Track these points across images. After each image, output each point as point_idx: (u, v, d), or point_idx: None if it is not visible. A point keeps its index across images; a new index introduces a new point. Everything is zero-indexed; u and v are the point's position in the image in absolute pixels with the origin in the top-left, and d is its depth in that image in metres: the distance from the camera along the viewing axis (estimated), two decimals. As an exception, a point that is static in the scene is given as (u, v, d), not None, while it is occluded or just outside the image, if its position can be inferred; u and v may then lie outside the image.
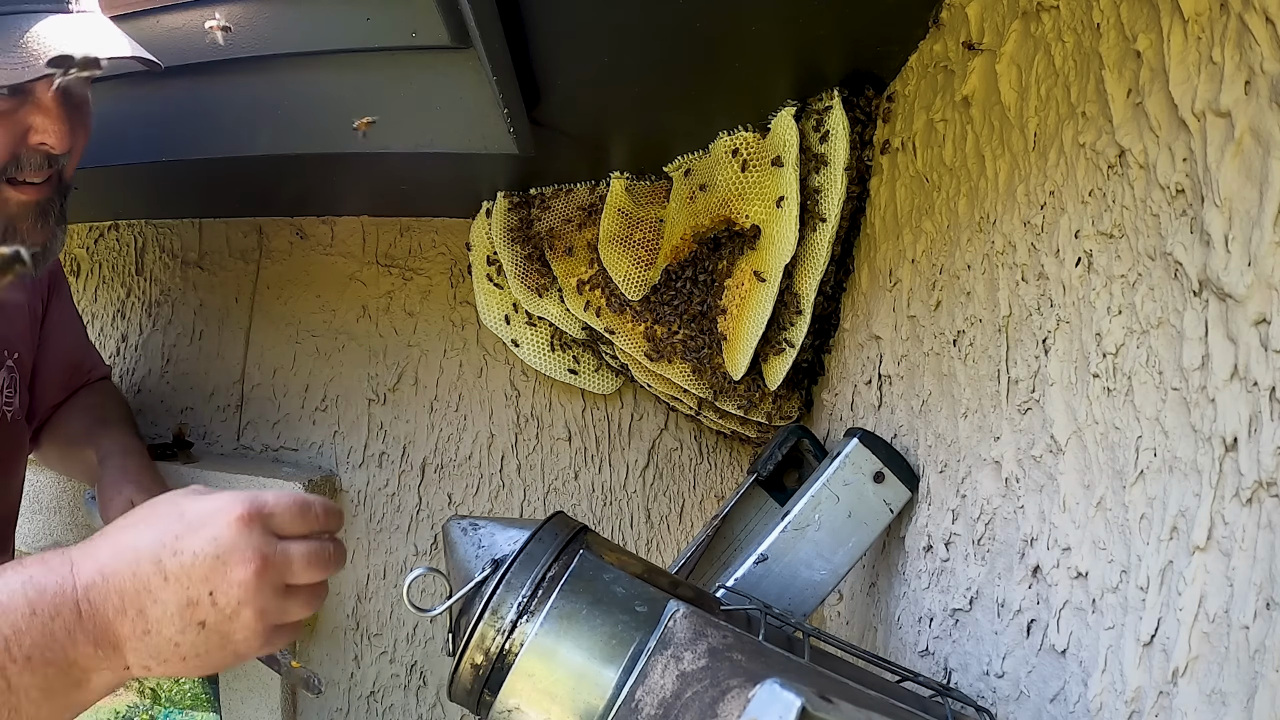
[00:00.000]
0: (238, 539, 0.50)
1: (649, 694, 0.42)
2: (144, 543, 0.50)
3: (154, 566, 0.49)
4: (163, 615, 0.49)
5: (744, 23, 0.80)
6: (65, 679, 0.49)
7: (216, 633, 0.51)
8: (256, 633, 0.52)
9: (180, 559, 0.49)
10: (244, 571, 0.50)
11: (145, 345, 1.44)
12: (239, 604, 0.50)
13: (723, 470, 1.32)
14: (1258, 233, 0.40)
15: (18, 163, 0.76)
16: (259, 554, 0.51)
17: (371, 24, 0.86)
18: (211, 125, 1.05)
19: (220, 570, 0.50)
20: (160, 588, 0.49)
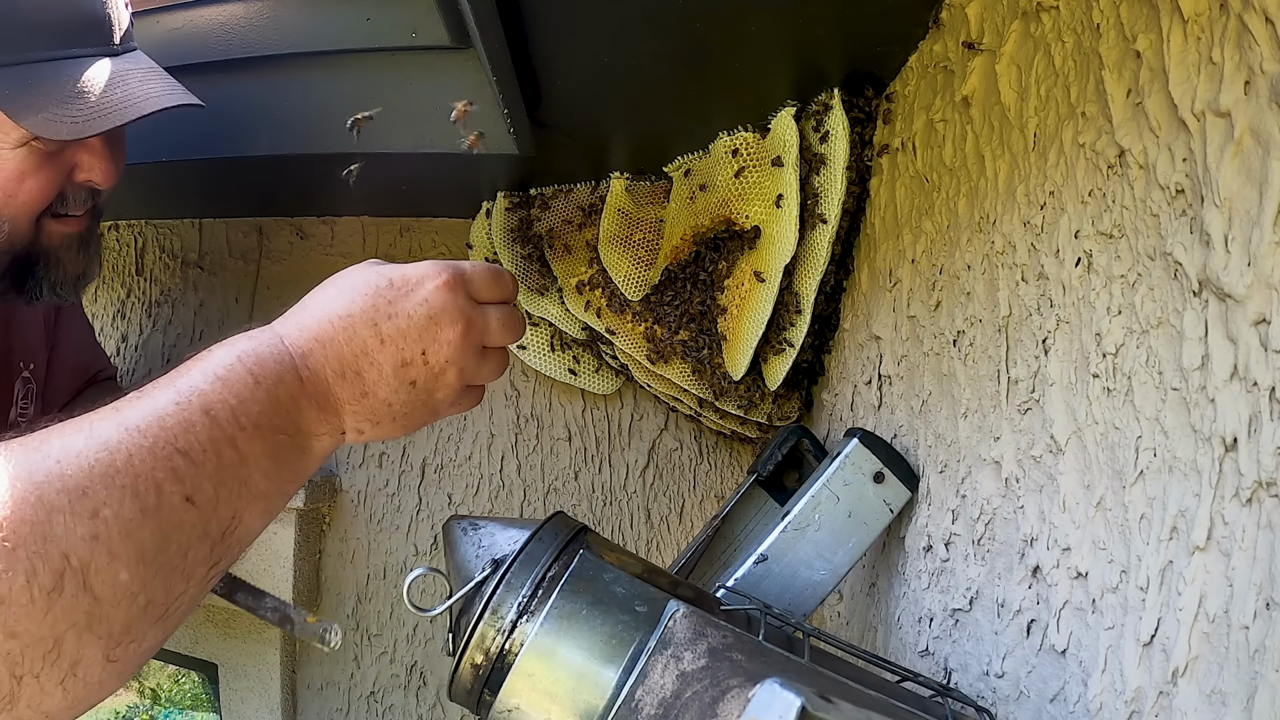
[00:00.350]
0: (447, 301, 0.54)
1: (649, 694, 0.42)
2: (357, 308, 0.52)
3: (370, 330, 0.52)
4: (379, 376, 0.52)
5: (744, 23, 0.80)
6: (291, 445, 0.50)
7: (424, 390, 0.54)
8: (455, 390, 0.56)
9: (396, 322, 0.52)
10: (453, 331, 0.53)
11: (145, 345, 1.44)
12: (446, 362, 0.54)
13: (723, 470, 1.32)
14: (1257, 233, 0.40)
15: (64, 199, 0.78)
16: (464, 315, 0.54)
17: (371, 24, 0.86)
18: (211, 125, 1.05)
19: (432, 330, 0.53)
20: (377, 350, 0.52)
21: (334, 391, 0.52)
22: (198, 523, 0.43)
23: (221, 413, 0.46)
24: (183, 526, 0.43)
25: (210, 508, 0.44)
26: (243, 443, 0.46)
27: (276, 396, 0.49)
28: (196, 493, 0.43)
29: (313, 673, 1.34)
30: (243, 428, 0.46)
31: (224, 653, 1.30)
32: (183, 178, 1.24)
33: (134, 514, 0.41)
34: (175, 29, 0.90)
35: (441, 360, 0.54)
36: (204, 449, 0.44)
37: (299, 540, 1.24)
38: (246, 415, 0.47)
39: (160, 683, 1.35)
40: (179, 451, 0.43)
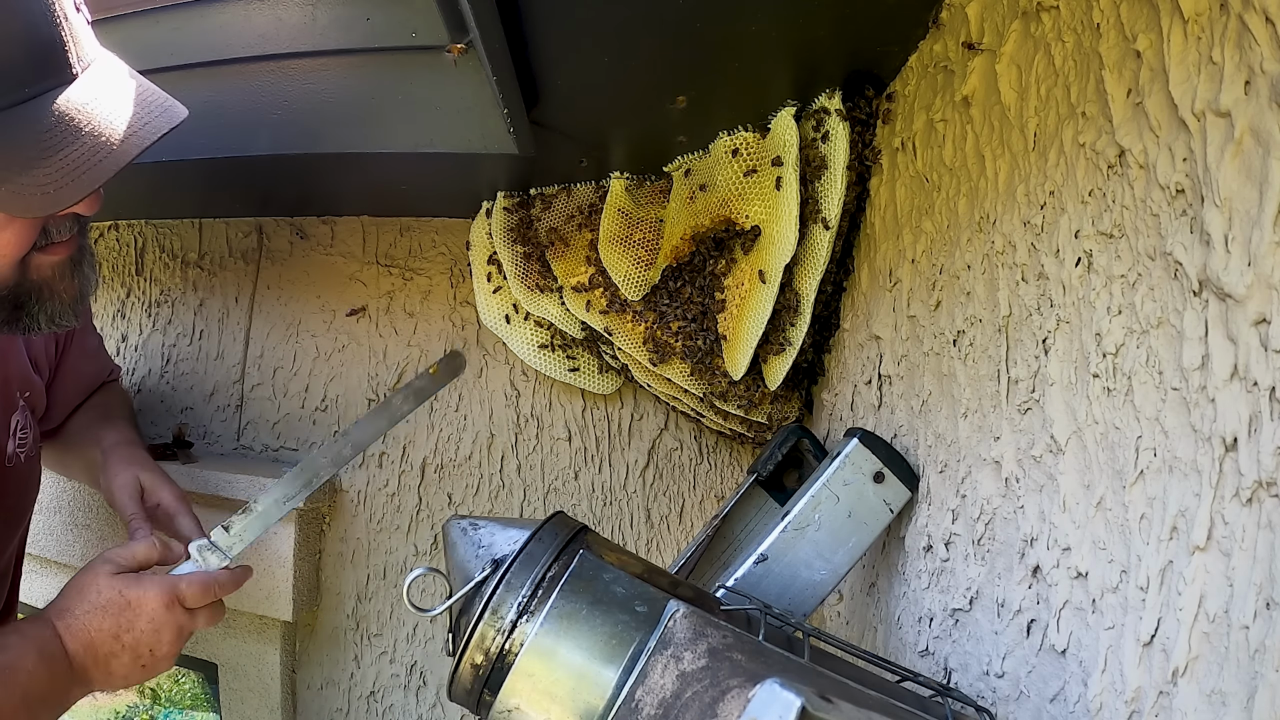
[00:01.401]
0: (167, 620, 0.83)
1: (649, 694, 0.42)
2: (107, 628, 0.81)
3: (114, 642, 0.81)
4: (119, 665, 0.82)
5: (744, 23, 0.80)
6: (59, 703, 0.81)
7: (150, 667, 0.85)
8: (171, 657, 0.86)
9: (132, 635, 0.82)
10: (170, 634, 0.84)
11: (145, 345, 1.44)
12: (166, 654, 0.85)
13: (723, 470, 1.32)
14: (1258, 233, 0.40)
15: (47, 234, 0.73)
16: (176, 624, 0.84)
17: (371, 24, 0.86)
18: (211, 125, 1.05)
19: (156, 638, 0.83)
20: (120, 653, 0.82)
21: (90, 674, 0.82)
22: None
23: (33, 696, 0.76)
24: None
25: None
26: (34, 704, 0.76)
27: (54, 682, 0.79)
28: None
29: (313, 673, 1.34)
30: (34, 695, 0.76)
31: (224, 653, 1.30)
32: (183, 178, 1.24)
33: None
34: (175, 29, 0.90)
35: (163, 652, 0.84)
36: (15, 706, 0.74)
37: (299, 540, 1.24)
38: (37, 693, 0.76)
39: (160, 683, 1.35)
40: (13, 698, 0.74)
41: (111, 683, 0.84)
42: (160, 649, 0.83)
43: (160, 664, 0.85)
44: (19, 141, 0.61)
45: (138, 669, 0.83)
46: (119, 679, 0.83)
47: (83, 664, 0.80)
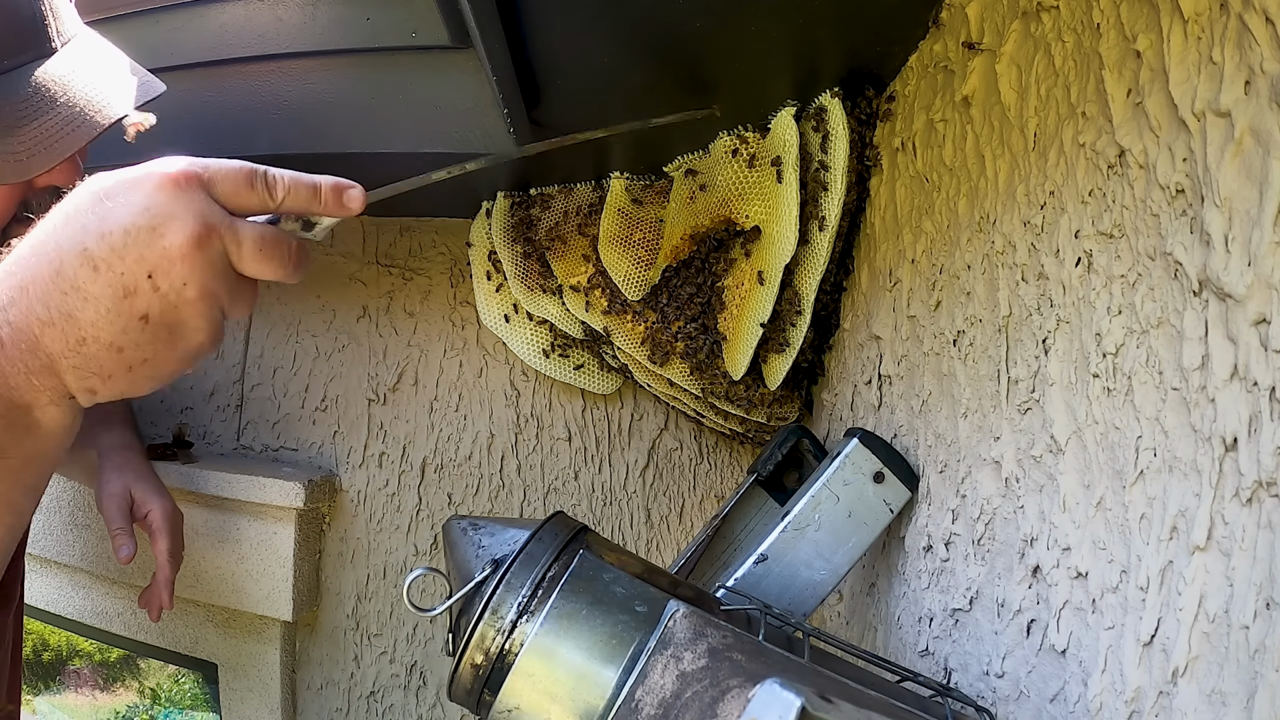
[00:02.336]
0: (175, 203, 0.42)
1: (649, 694, 0.42)
2: (65, 233, 0.41)
3: (79, 258, 0.40)
4: (97, 315, 0.41)
5: (744, 23, 0.80)
6: (7, 424, 0.42)
7: (162, 326, 0.42)
8: (207, 321, 0.44)
9: (109, 240, 0.40)
10: (184, 241, 0.41)
11: (145, 345, 1.44)
12: (184, 284, 0.42)
13: (723, 470, 1.32)
14: (1258, 233, 0.40)
15: (27, 206, 0.71)
16: (201, 220, 0.42)
17: (371, 24, 0.86)
18: (211, 125, 1.05)
19: (156, 244, 0.41)
20: (90, 281, 0.40)
21: (44, 344, 0.41)
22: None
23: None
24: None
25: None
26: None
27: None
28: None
29: (313, 673, 1.34)
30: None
31: (224, 653, 1.30)
32: (183, 178, 1.24)
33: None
34: (175, 29, 0.90)
35: (177, 283, 0.41)
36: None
37: (299, 540, 1.24)
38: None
39: (160, 683, 1.35)
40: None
41: (95, 364, 0.42)
42: (171, 273, 0.41)
43: (181, 315, 0.43)
44: None
45: (135, 324, 0.42)
46: (105, 351, 0.42)
47: (23, 324, 0.41)
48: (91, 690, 1.38)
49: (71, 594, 1.32)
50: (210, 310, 0.43)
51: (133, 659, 1.35)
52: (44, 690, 1.39)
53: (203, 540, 1.22)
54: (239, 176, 0.44)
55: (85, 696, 1.38)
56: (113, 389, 0.44)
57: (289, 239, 0.46)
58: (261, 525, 1.22)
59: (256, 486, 1.20)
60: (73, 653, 1.37)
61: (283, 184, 0.46)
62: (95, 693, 1.37)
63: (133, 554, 1.00)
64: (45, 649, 1.38)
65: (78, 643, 1.37)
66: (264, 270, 0.45)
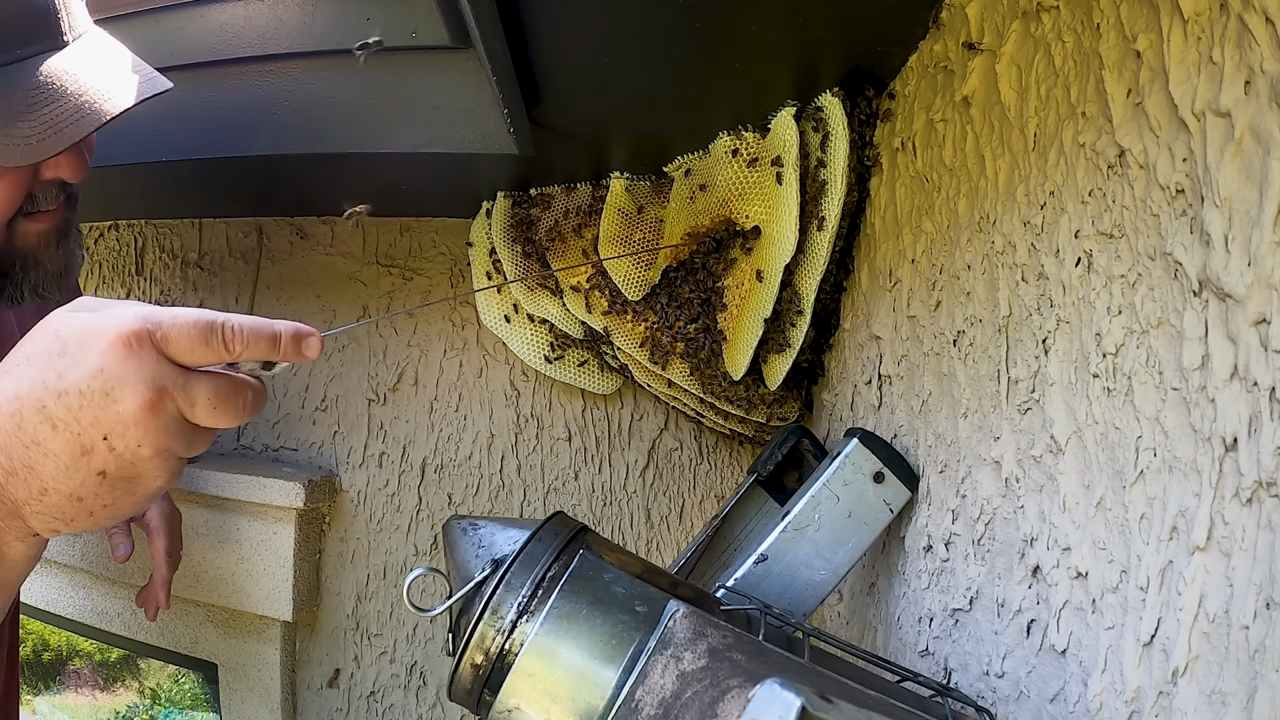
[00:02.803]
0: (126, 368, 0.42)
1: (649, 694, 0.42)
2: (25, 387, 0.42)
3: (38, 415, 0.42)
4: (57, 469, 0.43)
5: (744, 23, 0.80)
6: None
7: (119, 479, 0.44)
8: (162, 473, 0.45)
9: (65, 400, 0.42)
10: (135, 407, 0.42)
11: (145, 345, 1.43)
12: (138, 445, 0.43)
13: (723, 470, 1.32)
14: (1258, 233, 0.40)
15: (33, 199, 0.73)
16: (151, 385, 0.43)
17: (371, 24, 0.86)
18: (211, 125, 1.05)
19: (110, 407, 0.42)
20: (49, 438, 0.42)
21: (8, 491, 0.44)
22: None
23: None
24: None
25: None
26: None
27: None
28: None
29: (313, 673, 1.34)
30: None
31: (224, 653, 1.30)
32: (183, 178, 1.24)
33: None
34: (175, 29, 0.90)
35: (132, 444, 0.43)
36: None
37: (299, 540, 1.24)
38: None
39: (160, 683, 1.35)
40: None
41: (57, 511, 0.45)
42: (125, 438, 0.43)
43: (136, 471, 0.45)
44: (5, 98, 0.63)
45: (93, 479, 0.44)
46: (65, 501, 0.44)
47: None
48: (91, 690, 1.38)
49: (71, 594, 1.33)
50: (166, 463, 0.45)
51: (133, 659, 1.35)
52: (44, 690, 1.39)
53: (203, 540, 1.22)
54: (194, 332, 0.44)
55: (85, 696, 1.38)
56: (75, 528, 0.46)
57: (244, 389, 0.47)
58: (261, 525, 1.22)
59: (256, 486, 1.20)
60: (73, 653, 1.37)
61: (240, 336, 0.46)
62: (95, 693, 1.37)
63: (129, 553, 1.00)
64: (45, 649, 1.38)
65: (78, 643, 1.37)
66: (218, 421, 0.46)
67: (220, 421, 0.46)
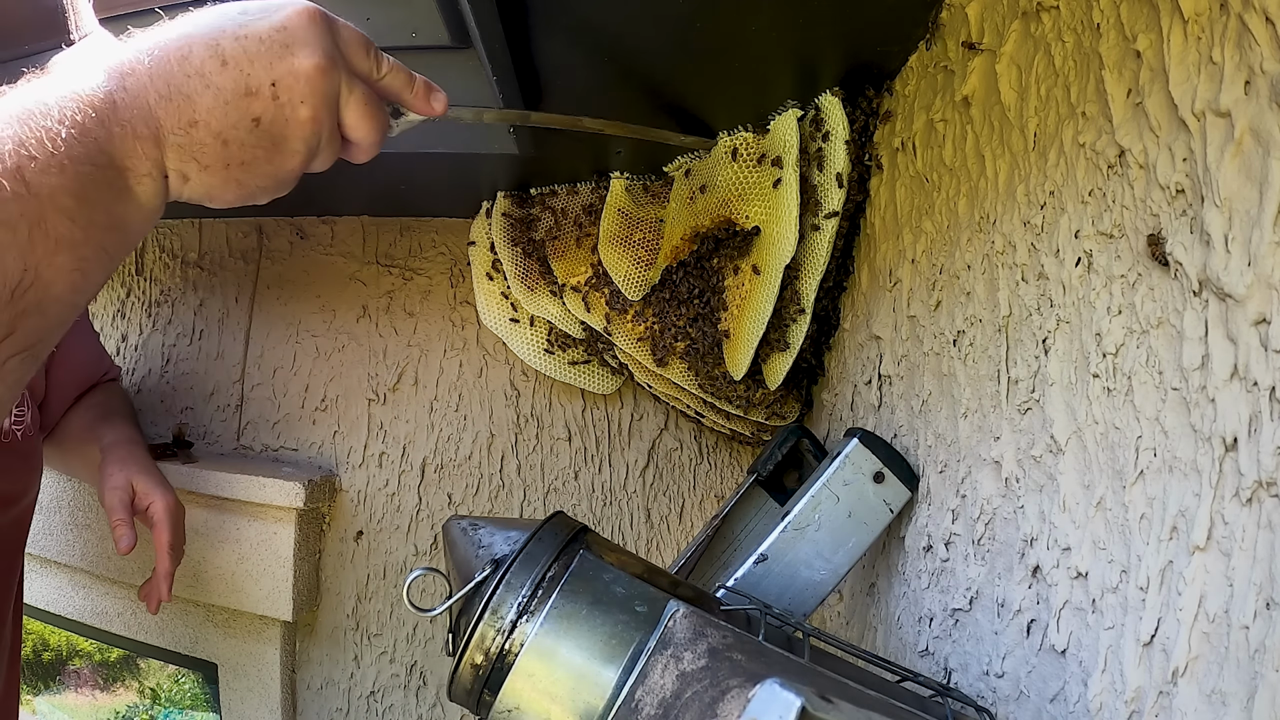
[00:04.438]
0: (309, 31, 0.45)
1: (649, 694, 0.42)
2: (200, 27, 0.43)
3: (209, 49, 0.43)
4: (214, 103, 0.43)
5: (744, 23, 0.80)
6: (103, 180, 0.41)
7: (268, 133, 0.45)
8: (304, 144, 0.47)
9: (243, 42, 0.43)
10: (310, 63, 0.45)
11: (145, 345, 1.44)
12: (300, 101, 0.45)
13: (723, 470, 1.32)
14: (1258, 233, 0.40)
15: None
16: (326, 52, 0.46)
17: (371, 24, 0.86)
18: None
19: (286, 58, 0.44)
20: (216, 72, 0.43)
21: (155, 114, 0.42)
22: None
23: (8, 137, 0.38)
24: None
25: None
26: (31, 173, 0.38)
27: (80, 122, 0.40)
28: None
29: (313, 673, 1.34)
30: (30, 156, 0.38)
31: (224, 653, 1.30)
32: (183, 178, 1.24)
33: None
34: (175, 29, 0.90)
35: (295, 99, 0.45)
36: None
37: (299, 540, 1.24)
38: (35, 142, 0.39)
39: (160, 683, 1.35)
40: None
41: (198, 148, 0.44)
42: (291, 87, 0.44)
43: (287, 131, 0.46)
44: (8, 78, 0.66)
45: (247, 124, 0.44)
46: (211, 139, 0.43)
47: (140, 91, 0.42)
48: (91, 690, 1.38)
49: (71, 594, 1.33)
50: (311, 135, 0.47)
51: (133, 659, 1.35)
52: (44, 690, 1.39)
53: (203, 540, 1.22)
54: (359, 38, 0.48)
55: (85, 696, 1.38)
56: (204, 182, 0.45)
57: (382, 112, 0.50)
58: (261, 525, 1.22)
59: (256, 486, 1.20)
60: (73, 653, 1.37)
61: (387, 62, 0.51)
62: (95, 693, 1.38)
63: (132, 544, 1.00)
64: (45, 649, 1.38)
65: (78, 643, 1.37)
66: (360, 125, 0.49)
67: (361, 125, 0.49)
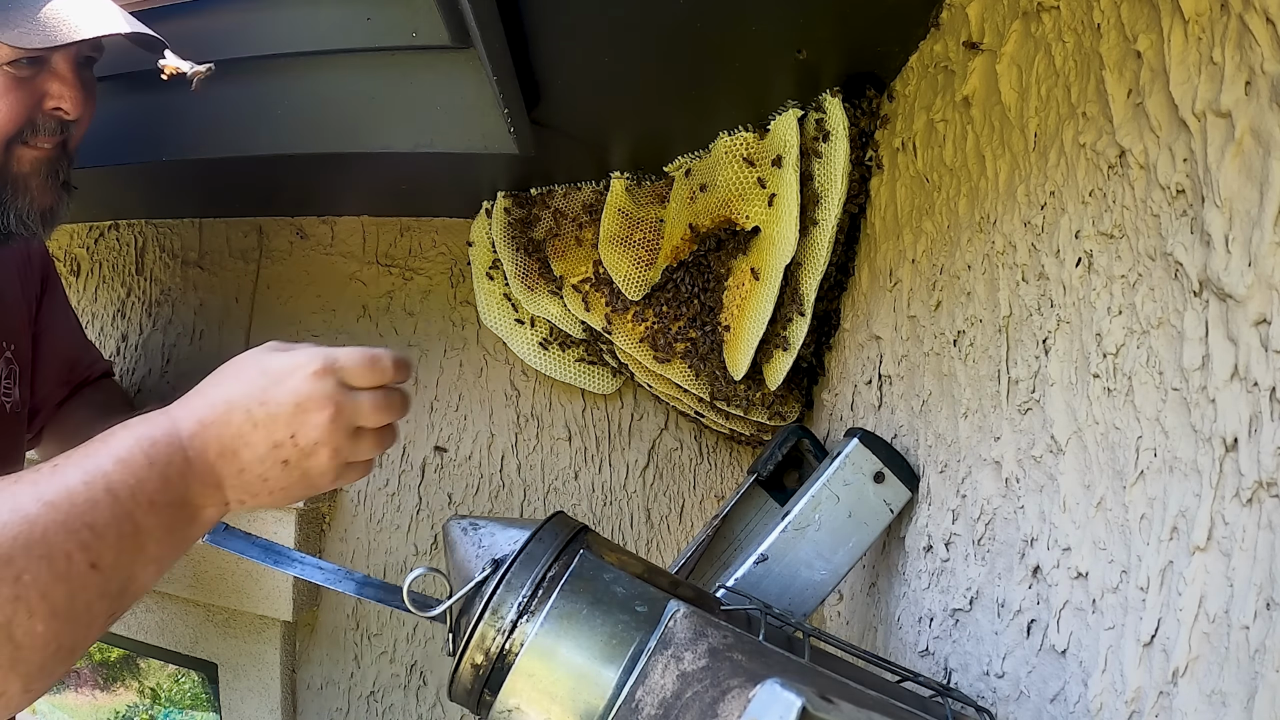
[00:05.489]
0: (314, 389, 0.59)
1: (649, 694, 0.42)
2: (235, 395, 0.59)
3: (245, 416, 0.58)
4: (253, 456, 0.59)
5: (744, 23, 0.80)
6: (182, 516, 0.57)
7: (297, 468, 0.60)
8: (331, 468, 0.61)
9: (267, 408, 0.58)
10: (320, 416, 0.59)
11: (145, 345, 1.44)
12: (316, 443, 0.60)
13: (723, 470, 1.32)
14: (1258, 233, 0.40)
15: (34, 126, 0.81)
16: (332, 401, 0.60)
17: (371, 24, 0.86)
18: (211, 125, 1.05)
19: (300, 416, 0.59)
20: (250, 433, 0.58)
21: (216, 469, 0.58)
22: (100, 584, 0.52)
23: (122, 491, 0.53)
24: (88, 587, 0.51)
25: (111, 571, 0.52)
26: (140, 516, 0.54)
27: (167, 476, 0.56)
28: (100, 560, 0.51)
29: (313, 672, 1.34)
30: (139, 504, 0.54)
31: (224, 652, 1.30)
32: (183, 178, 1.24)
33: (49, 578, 0.49)
34: (175, 29, 0.90)
35: (311, 442, 0.60)
36: (107, 524, 0.52)
37: (299, 540, 1.24)
38: (143, 493, 0.54)
39: (160, 682, 1.35)
40: (87, 526, 0.51)
41: (248, 487, 0.60)
42: (306, 435, 0.59)
43: (310, 463, 0.60)
44: (34, 5, 0.74)
45: (279, 468, 0.60)
46: (256, 481, 0.60)
47: (202, 450, 0.58)
48: (91, 690, 1.38)
49: (71, 594, 1.32)
50: (334, 460, 0.61)
51: (133, 659, 1.35)
52: (44, 690, 1.39)
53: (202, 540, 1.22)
54: (362, 366, 0.62)
55: (85, 696, 1.38)
56: (256, 503, 0.62)
57: (392, 396, 0.63)
58: (261, 525, 1.22)
59: (256, 486, 1.20)
60: (73, 652, 1.37)
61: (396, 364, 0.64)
62: (95, 693, 1.38)
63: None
64: (45, 649, 1.38)
65: (78, 642, 1.36)
66: (379, 422, 0.63)
67: (379, 420, 0.62)
